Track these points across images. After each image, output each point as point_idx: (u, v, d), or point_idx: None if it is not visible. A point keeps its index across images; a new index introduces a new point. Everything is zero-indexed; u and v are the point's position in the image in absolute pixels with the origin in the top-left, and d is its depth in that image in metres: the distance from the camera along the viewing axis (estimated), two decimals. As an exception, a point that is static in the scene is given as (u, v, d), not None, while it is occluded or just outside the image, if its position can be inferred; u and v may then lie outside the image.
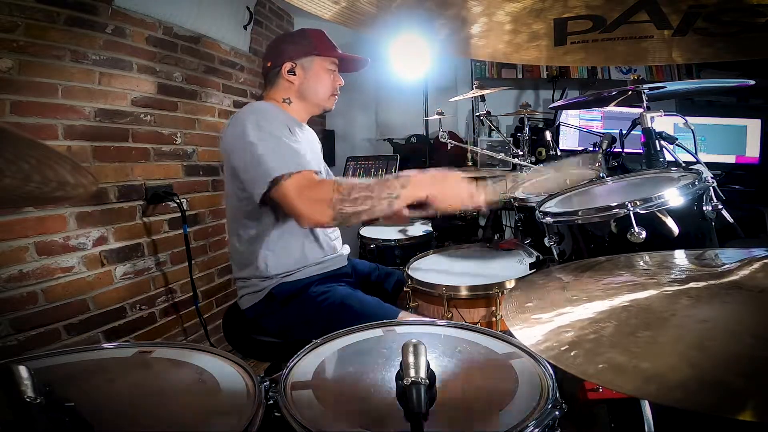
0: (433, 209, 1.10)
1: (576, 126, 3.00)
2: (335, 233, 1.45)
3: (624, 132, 1.85)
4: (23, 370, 0.50)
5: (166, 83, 2.03)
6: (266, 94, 1.37)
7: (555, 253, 1.17)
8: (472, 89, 2.60)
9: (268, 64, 1.35)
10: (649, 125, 1.36)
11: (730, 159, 2.86)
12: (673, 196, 0.94)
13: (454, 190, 1.09)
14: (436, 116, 2.58)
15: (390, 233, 2.02)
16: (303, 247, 1.31)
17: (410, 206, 1.11)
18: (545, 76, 3.42)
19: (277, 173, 1.09)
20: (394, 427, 0.59)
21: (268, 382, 0.69)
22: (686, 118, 1.46)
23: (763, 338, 0.43)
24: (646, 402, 0.97)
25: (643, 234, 0.89)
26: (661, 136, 1.37)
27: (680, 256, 0.72)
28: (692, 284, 0.56)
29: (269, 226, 1.26)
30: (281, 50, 1.33)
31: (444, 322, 0.97)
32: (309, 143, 1.39)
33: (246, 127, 1.16)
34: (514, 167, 2.23)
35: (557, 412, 0.62)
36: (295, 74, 1.32)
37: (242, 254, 1.30)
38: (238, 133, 1.16)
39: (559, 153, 2.36)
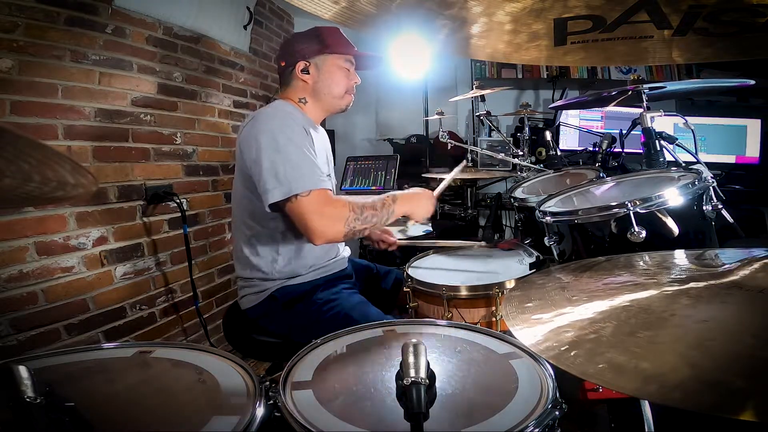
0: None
1: (576, 126, 3.01)
2: None
3: (624, 132, 1.85)
4: (23, 370, 0.50)
5: (166, 83, 2.03)
6: (282, 94, 1.36)
7: (555, 253, 1.17)
8: (472, 89, 2.60)
9: (282, 64, 1.34)
10: (649, 125, 1.36)
11: (730, 159, 2.86)
12: (673, 196, 0.94)
13: (424, 207, 1.29)
14: (436, 116, 2.59)
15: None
16: (312, 250, 1.31)
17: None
18: (545, 76, 3.42)
19: (298, 190, 1.10)
20: (394, 427, 0.59)
21: (268, 382, 0.69)
22: (686, 118, 1.46)
23: (763, 338, 0.43)
24: (646, 402, 0.97)
25: (643, 234, 0.89)
26: (661, 136, 1.37)
27: (680, 256, 0.72)
28: (692, 284, 0.56)
29: (280, 227, 1.26)
30: (294, 49, 1.32)
31: (444, 322, 0.97)
32: (323, 145, 1.38)
33: (268, 130, 1.15)
34: (514, 167, 2.23)
35: (557, 412, 0.62)
36: (308, 73, 1.31)
37: (247, 254, 1.29)
38: (257, 136, 1.15)
39: (559, 153, 2.35)
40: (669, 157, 1.40)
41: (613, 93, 1.55)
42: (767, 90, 2.83)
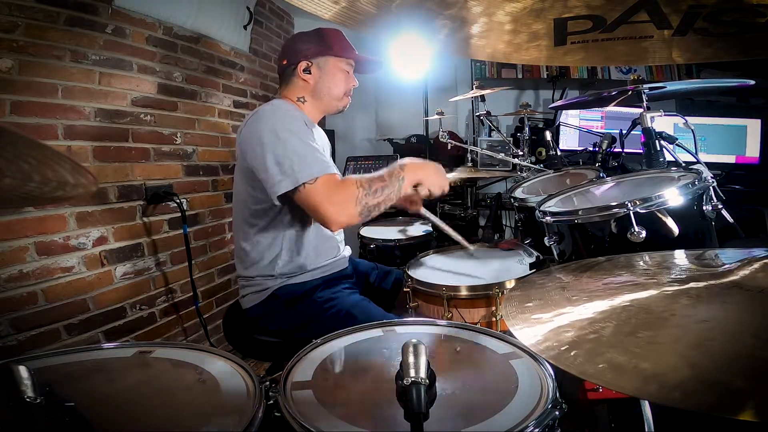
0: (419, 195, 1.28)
1: (576, 126, 3.00)
2: (341, 234, 1.45)
3: (624, 132, 1.85)
4: (23, 370, 0.50)
5: (166, 83, 2.03)
6: (281, 92, 1.37)
7: (555, 253, 1.17)
8: (472, 89, 2.60)
9: (284, 62, 1.35)
10: (649, 125, 1.36)
11: (730, 159, 2.86)
12: (673, 196, 0.94)
13: (436, 175, 1.24)
14: (436, 116, 2.58)
15: (390, 233, 2.02)
16: (315, 248, 1.31)
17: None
18: (545, 76, 3.42)
19: (305, 179, 1.10)
20: (394, 427, 0.59)
21: (268, 382, 0.69)
22: (686, 118, 1.46)
23: (763, 338, 0.43)
24: (646, 402, 0.97)
25: (643, 234, 0.89)
26: (661, 136, 1.37)
27: (680, 256, 0.72)
28: (692, 284, 0.56)
29: (282, 226, 1.26)
30: (297, 49, 1.33)
31: (444, 322, 0.97)
32: (322, 143, 1.39)
33: (269, 126, 1.16)
34: (514, 167, 2.23)
35: (557, 412, 0.62)
36: (310, 73, 1.32)
37: (248, 253, 1.30)
38: (259, 132, 1.16)
39: (559, 153, 2.35)
40: (669, 157, 1.40)
41: (613, 93, 1.55)
42: (767, 90, 2.84)
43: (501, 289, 1.17)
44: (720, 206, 0.97)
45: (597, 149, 1.99)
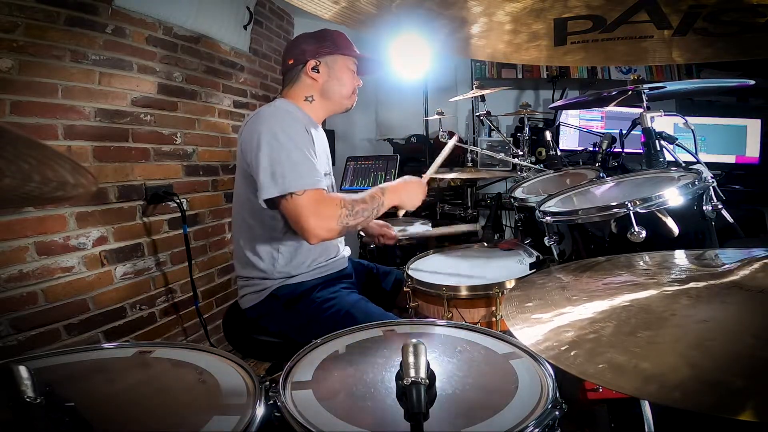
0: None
1: (576, 126, 3.00)
2: None
3: (624, 132, 1.85)
4: (23, 370, 0.50)
5: (166, 83, 2.03)
6: (286, 92, 1.36)
7: (555, 253, 1.17)
8: (472, 89, 2.60)
9: (290, 62, 1.34)
10: (649, 125, 1.36)
11: (730, 159, 2.86)
12: (673, 196, 0.94)
13: (413, 197, 1.33)
14: (436, 116, 2.58)
15: (390, 233, 2.02)
16: (311, 249, 1.31)
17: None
18: (545, 76, 3.42)
19: (294, 188, 1.11)
20: (394, 427, 0.59)
21: (268, 382, 0.70)
22: (686, 118, 1.46)
23: (763, 338, 0.43)
24: (646, 402, 0.97)
25: (643, 234, 0.89)
26: (661, 136, 1.37)
27: (680, 256, 0.72)
28: (692, 284, 0.56)
29: (280, 226, 1.26)
30: (305, 48, 1.33)
31: (444, 322, 0.97)
32: (322, 144, 1.39)
33: (268, 128, 1.16)
34: (514, 167, 2.23)
35: (557, 412, 0.62)
36: (318, 72, 1.32)
37: (247, 253, 1.30)
38: (258, 133, 1.16)
39: (559, 153, 2.35)
40: (669, 157, 1.40)
41: (613, 93, 1.55)
42: (767, 90, 2.84)
43: (501, 289, 1.17)
44: (720, 206, 0.97)
45: (597, 149, 1.99)
